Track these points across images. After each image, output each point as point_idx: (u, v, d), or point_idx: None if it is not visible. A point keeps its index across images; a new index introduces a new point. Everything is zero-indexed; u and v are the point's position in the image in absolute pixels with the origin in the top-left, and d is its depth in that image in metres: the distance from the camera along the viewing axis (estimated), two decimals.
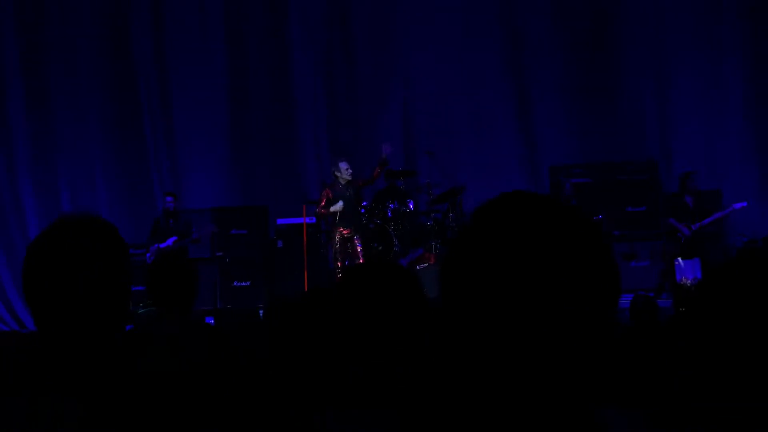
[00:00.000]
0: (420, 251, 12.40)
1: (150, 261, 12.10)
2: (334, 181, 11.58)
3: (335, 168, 11.52)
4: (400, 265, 1.74)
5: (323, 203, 11.44)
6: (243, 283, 12.94)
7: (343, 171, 11.42)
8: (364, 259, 11.52)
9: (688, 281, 10.65)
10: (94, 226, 1.94)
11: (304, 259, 12.10)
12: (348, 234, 11.43)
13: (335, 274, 11.44)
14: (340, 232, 11.39)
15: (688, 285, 10.41)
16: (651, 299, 6.89)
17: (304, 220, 12.43)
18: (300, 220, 12.51)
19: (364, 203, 12.08)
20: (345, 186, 11.45)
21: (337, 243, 11.35)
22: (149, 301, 8.51)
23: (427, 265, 12.16)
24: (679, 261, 11.17)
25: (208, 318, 8.56)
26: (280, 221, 13.07)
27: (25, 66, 14.34)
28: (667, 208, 12.16)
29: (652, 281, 11.55)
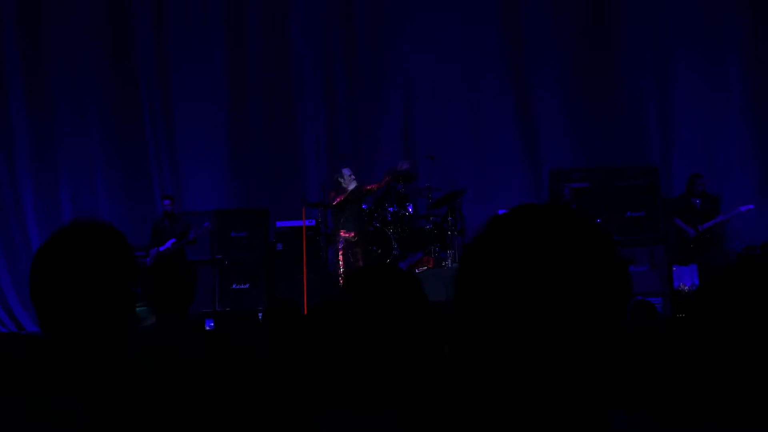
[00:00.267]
0: (419, 255, 12.41)
1: (149, 264, 12.13)
2: (337, 185, 11.58)
3: (338, 174, 11.52)
4: (401, 269, 1.75)
5: (332, 195, 11.46)
6: (242, 286, 12.94)
7: (346, 177, 11.44)
8: (364, 263, 11.53)
9: (686, 287, 10.70)
10: (102, 232, 1.96)
11: (304, 262, 12.10)
12: (352, 237, 11.43)
13: (337, 277, 11.42)
14: (344, 236, 11.36)
15: (686, 291, 10.45)
16: (651, 304, 6.90)
17: (304, 223, 12.43)
18: (299, 223, 12.51)
19: (363, 206, 12.09)
20: (345, 191, 11.44)
21: (341, 246, 11.33)
22: (144, 304, 8.50)
23: (426, 268, 12.17)
24: (677, 267, 11.21)
25: (207, 321, 8.57)
26: (280, 224, 13.07)
27: (26, 67, 14.34)
28: (673, 209, 12.20)
29: (651, 286, 11.55)
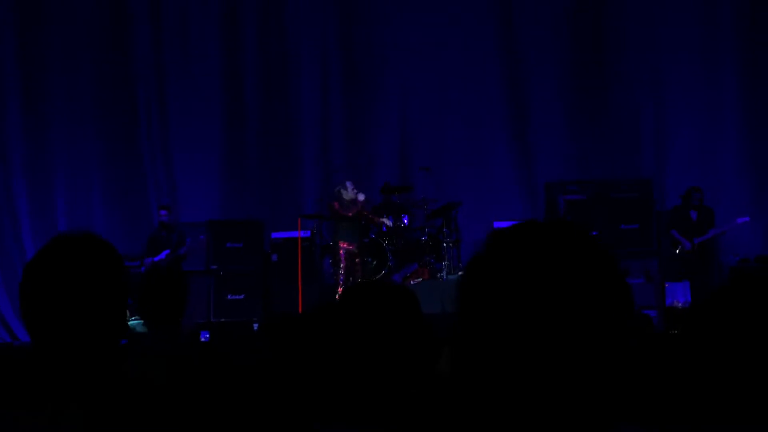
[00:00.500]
0: (414, 266, 12.41)
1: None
2: (338, 196, 11.51)
3: (341, 186, 11.48)
4: (398, 284, 1.75)
5: (336, 205, 11.43)
6: (237, 297, 12.92)
7: (349, 190, 11.42)
8: (360, 274, 11.53)
9: (679, 304, 10.72)
10: (91, 244, 1.96)
11: (299, 273, 12.10)
12: (353, 250, 11.41)
13: (336, 288, 11.37)
14: (345, 248, 11.32)
15: (680, 308, 10.47)
16: (648, 317, 6.90)
17: (299, 234, 12.42)
18: (295, 234, 12.51)
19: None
20: (350, 203, 11.42)
21: (342, 258, 11.29)
22: (135, 316, 8.49)
23: (421, 280, 12.18)
24: (670, 284, 11.23)
25: (203, 332, 8.55)
26: (275, 235, 13.07)
27: (22, 76, 14.34)
28: (669, 221, 12.22)
29: (646, 299, 11.55)
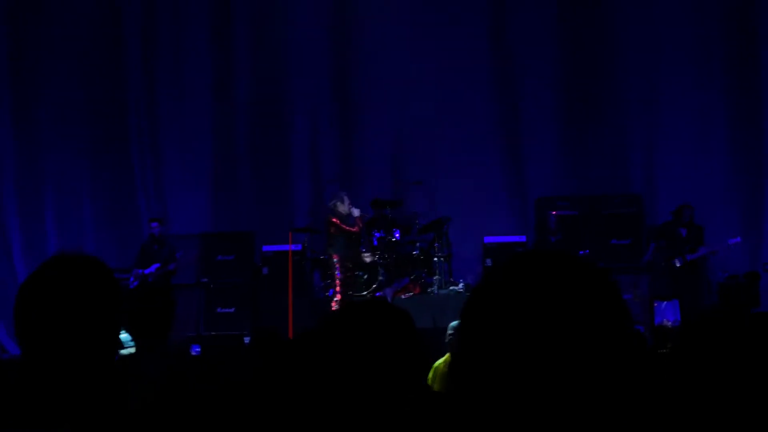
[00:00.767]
0: (405, 281, 12.40)
1: (132, 286, 12.09)
2: (334, 210, 11.42)
3: (337, 199, 11.41)
4: (397, 307, 1.76)
5: (335, 220, 11.35)
6: (227, 310, 12.89)
7: (345, 204, 11.36)
8: (351, 288, 11.51)
9: (668, 323, 10.74)
10: (86, 264, 1.97)
11: (290, 287, 12.07)
12: (347, 263, 11.37)
13: (327, 302, 11.33)
14: (344, 263, 11.26)
15: (669, 327, 10.49)
16: (641, 335, 6.92)
17: (290, 248, 12.41)
18: (286, 248, 12.49)
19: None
20: (347, 218, 11.40)
21: (339, 272, 11.21)
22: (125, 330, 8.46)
23: (412, 294, 12.17)
24: (659, 303, 11.25)
25: (194, 346, 8.53)
26: (266, 248, 13.05)
27: (12, 88, 14.32)
28: (657, 234, 12.23)
29: (635, 315, 11.57)
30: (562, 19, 13.97)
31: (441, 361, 7.43)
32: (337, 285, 11.16)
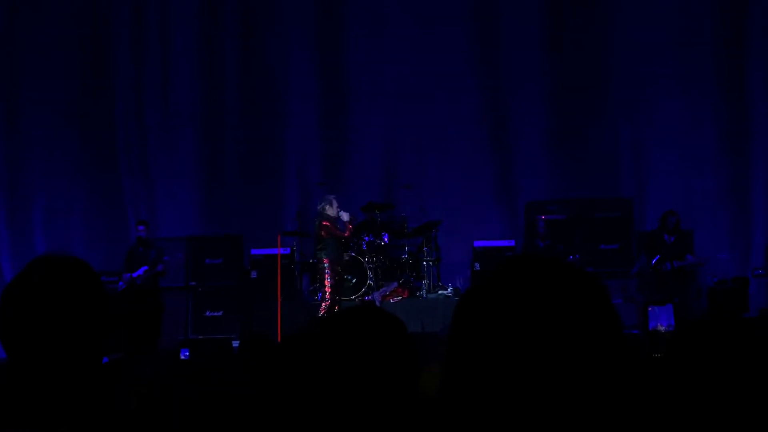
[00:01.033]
0: (394, 284, 12.40)
1: (120, 289, 12.07)
2: (325, 215, 11.31)
3: (326, 203, 11.31)
4: (387, 312, 1.75)
5: (327, 225, 11.23)
6: (215, 313, 12.87)
7: (334, 207, 11.29)
8: (339, 291, 11.47)
9: (662, 328, 10.76)
10: (71, 266, 1.95)
11: (278, 290, 12.04)
12: (336, 267, 11.32)
13: (317, 306, 11.29)
14: (334, 267, 11.20)
15: (663, 332, 10.51)
16: (635, 340, 6.92)
17: (279, 251, 12.38)
18: (275, 251, 12.47)
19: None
20: (337, 221, 11.35)
21: (330, 276, 11.14)
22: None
23: (401, 298, 12.17)
24: (653, 308, 11.27)
25: (183, 350, 8.51)
26: (255, 251, 13.03)
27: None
28: (646, 244, 12.27)
29: (625, 319, 11.59)
30: (551, 25, 14.02)
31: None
32: (326, 289, 11.10)
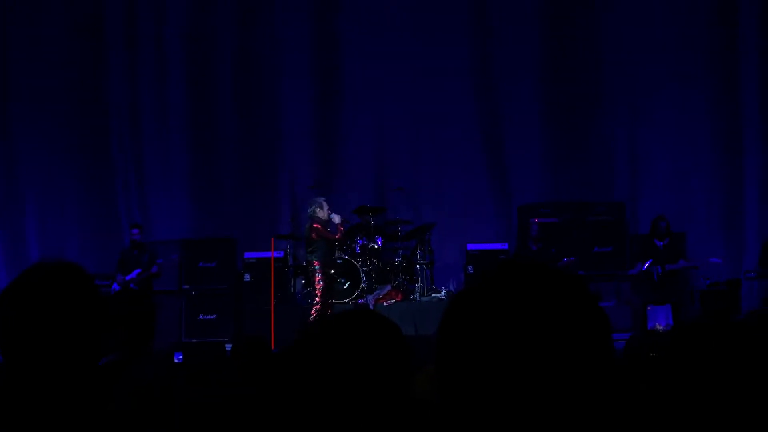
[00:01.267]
0: (387, 287, 12.41)
1: (114, 292, 12.07)
2: (316, 218, 11.28)
3: (316, 205, 11.27)
4: (382, 315, 1.75)
5: (318, 228, 11.17)
6: (209, 317, 12.86)
7: (324, 209, 11.26)
8: (332, 294, 11.47)
9: (660, 327, 10.78)
10: (66, 271, 1.96)
11: (272, 294, 12.05)
12: (327, 270, 11.31)
13: (310, 308, 11.27)
14: (320, 267, 11.18)
15: (661, 331, 10.53)
16: (633, 338, 6.89)
17: (272, 254, 12.39)
18: (268, 254, 12.48)
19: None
20: (328, 223, 11.32)
21: (319, 278, 11.12)
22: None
23: (394, 302, 12.17)
24: (652, 307, 11.29)
25: (176, 353, 8.50)
26: (248, 255, 13.03)
27: None
28: (638, 251, 12.28)
29: (618, 321, 11.60)
30: (546, 26, 14.04)
31: None
32: (317, 291, 11.08)
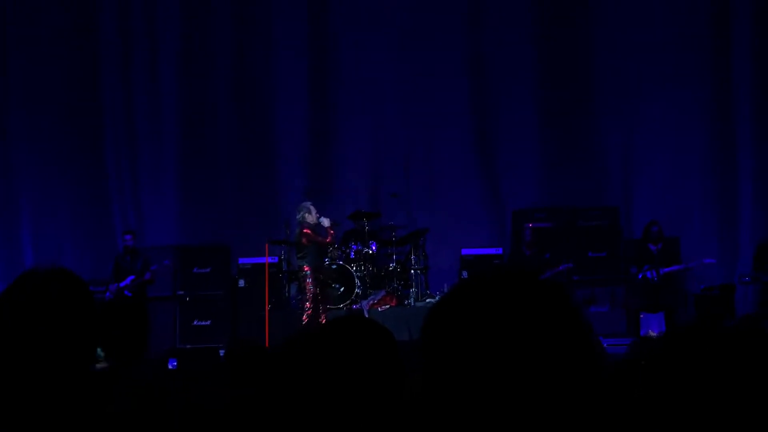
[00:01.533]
0: (382, 293, 12.41)
1: (108, 299, 12.04)
2: (305, 223, 11.25)
3: (305, 210, 11.26)
4: (375, 321, 1.76)
5: (309, 233, 11.14)
6: (203, 323, 12.84)
7: (313, 213, 11.25)
8: (326, 299, 11.44)
9: (653, 334, 10.78)
10: (60, 278, 1.96)
11: (266, 299, 12.04)
12: (319, 275, 11.28)
13: (302, 314, 11.25)
14: (311, 273, 11.15)
15: (654, 338, 10.53)
16: (630, 344, 6.89)
17: (267, 260, 12.38)
18: (262, 260, 12.47)
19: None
20: (317, 227, 11.31)
21: (309, 284, 11.09)
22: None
23: (388, 307, 12.17)
24: (645, 315, 11.29)
25: (171, 360, 8.49)
26: (243, 260, 13.02)
27: None
28: (633, 256, 12.30)
29: (613, 327, 11.61)
30: (539, 32, 14.05)
31: None
32: (308, 296, 11.05)
